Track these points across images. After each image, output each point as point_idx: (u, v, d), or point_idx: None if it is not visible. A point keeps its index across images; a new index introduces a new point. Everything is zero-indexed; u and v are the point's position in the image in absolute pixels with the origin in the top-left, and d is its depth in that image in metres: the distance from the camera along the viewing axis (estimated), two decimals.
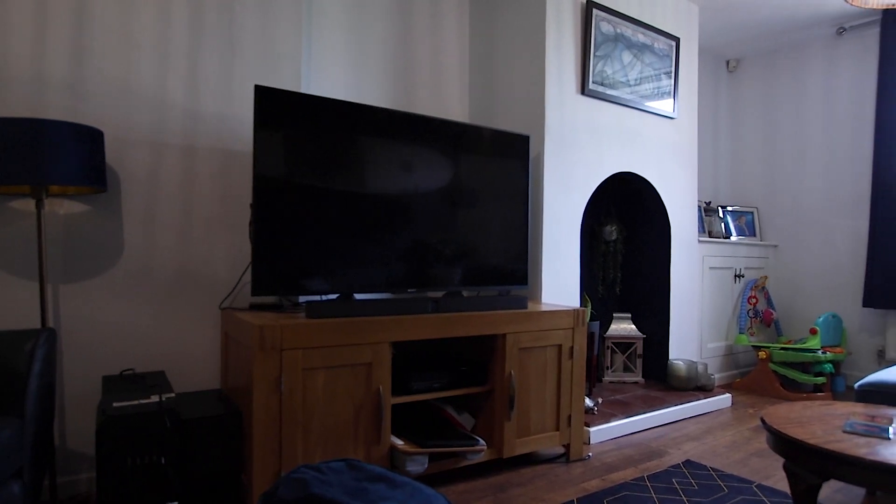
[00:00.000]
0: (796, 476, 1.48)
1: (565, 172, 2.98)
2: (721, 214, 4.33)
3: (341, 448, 1.93)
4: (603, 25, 3.13)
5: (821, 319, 3.72)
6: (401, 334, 2.04)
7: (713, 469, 2.40)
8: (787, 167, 4.34)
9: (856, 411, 1.74)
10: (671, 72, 3.51)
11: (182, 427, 1.79)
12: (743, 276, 4.11)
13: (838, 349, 3.67)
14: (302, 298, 2.51)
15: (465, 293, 2.67)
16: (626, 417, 2.88)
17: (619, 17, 3.18)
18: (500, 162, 2.55)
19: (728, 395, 3.40)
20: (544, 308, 2.50)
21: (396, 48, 3.03)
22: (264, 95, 2.00)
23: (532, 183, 2.93)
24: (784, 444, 1.54)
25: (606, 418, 2.83)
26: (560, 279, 2.97)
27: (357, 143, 2.16)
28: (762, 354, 3.73)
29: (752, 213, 4.48)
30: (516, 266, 2.62)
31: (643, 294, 3.67)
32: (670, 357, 3.51)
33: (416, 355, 2.56)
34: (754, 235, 4.43)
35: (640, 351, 3.55)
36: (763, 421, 1.67)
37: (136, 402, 1.69)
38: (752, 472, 2.39)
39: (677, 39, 3.49)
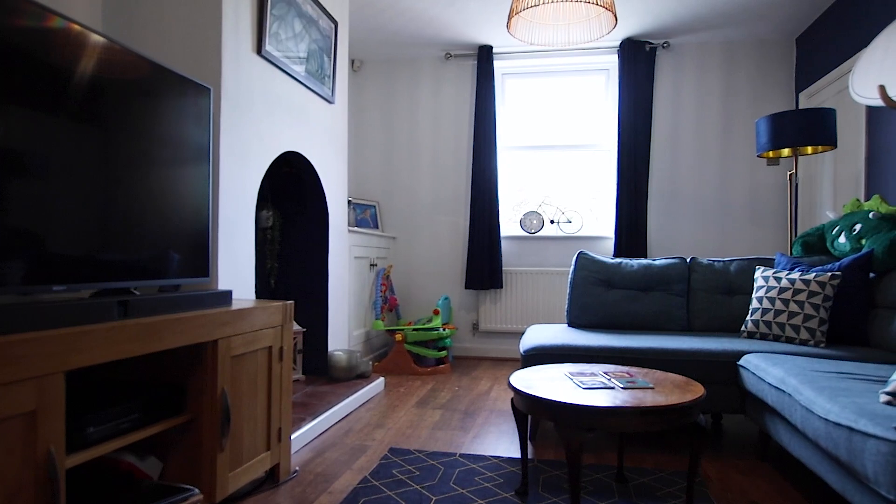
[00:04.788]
0: (569, 435, 1.62)
1: (242, 143, 2.51)
2: (352, 206, 4.50)
3: None
4: None
5: (440, 301, 4.29)
6: (83, 357, 1.28)
7: (417, 451, 2.43)
8: (404, 166, 4.85)
9: (565, 373, 2.05)
10: (332, 55, 3.41)
11: None
12: (376, 266, 4.37)
13: (451, 326, 4.32)
14: None
15: (134, 290, 1.91)
16: (314, 419, 2.64)
17: None
18: (176, 115, 1.91)
19: (382, 379, 3.55)
20: (251, 304, 2.02)
21: None
22: None
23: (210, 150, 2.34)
24: (554, 411, 1.66)
25: (297, 424, 2.52)
26: (237, 268, 2.48)
27: None
28: (398, 337, 4.05)
29: (374, 206, 4.81)
30: (197, 252, 2.03)
31: (301, 285, 3.45)
32: (329, 348, 3.42)
33: (80, 384, 1.68)
34: (377, 228, 4.77)
35: (300, 346, 3.32)
36: (524, 393, 1.76)
37: None
38: (445, 444, 2.53)
39: (336, 23, 3.42)
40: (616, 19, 2.69)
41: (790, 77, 4.29)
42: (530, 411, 1.77)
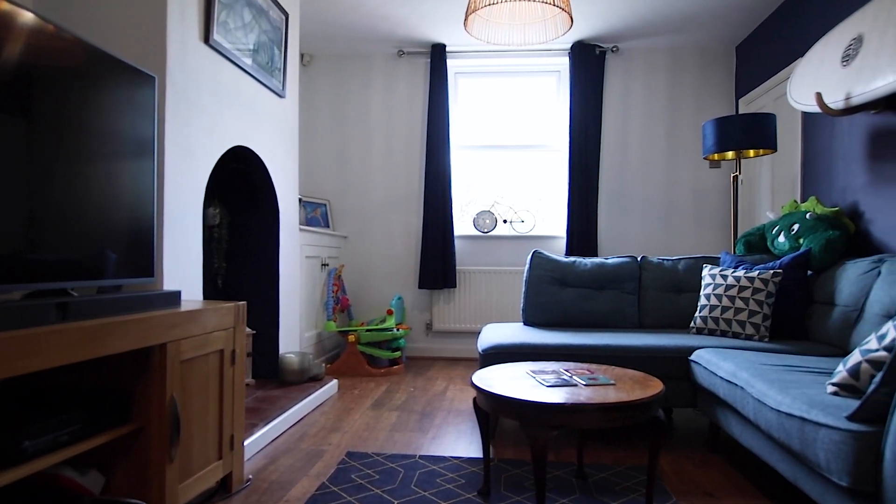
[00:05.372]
0: (535, 434, 1.61)
1: (189, 136, 2.38)
2: (303, 204, 4.38)
3: None
4: None
5: (394, 301, 4.24)
6: (18, 365, 1.17)
7: (375, 454, 2.37)
8: (356, 164, 4.76)
9: (526, 371, 2.04)
10: (282, 48, 3.30)
11: None
12: (328, 265, 4.27)
13: (405, 326, 4.27)
14: None
15: (72, 291, 1.77)
16: (267, 424, 2.54)
17: None
18: (117, 105, 1.78)
19: (335, 381, 3.46)
20: (201, 305, 1.92)
21: None
22: None
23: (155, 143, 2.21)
24: (519, 409, 1.65)
25: (249, 430, 2.42)
26: (184, 268, 2.36)
27: None
28: (351, 338, 3.96)
29: (325, 204, 4.70)
30: (140, 251, 1.90)
31: (250, 286, 3.32)
32: (280, 351, 3.31)
33: (14, 393, 1.53)
34: (328, 227, 4.66)
35: (250, 348, 3.20)
36: (487, 392, 1.74)
37: None
38: (403, 446, 2.49)
39: (287, 15, 3.31)
40: (572, 20, 2.73)
41: (730, 83, 4.48)
42: (494, 410, 1.75)
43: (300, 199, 4.24)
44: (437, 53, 4.49)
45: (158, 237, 2.21)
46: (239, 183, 3.30)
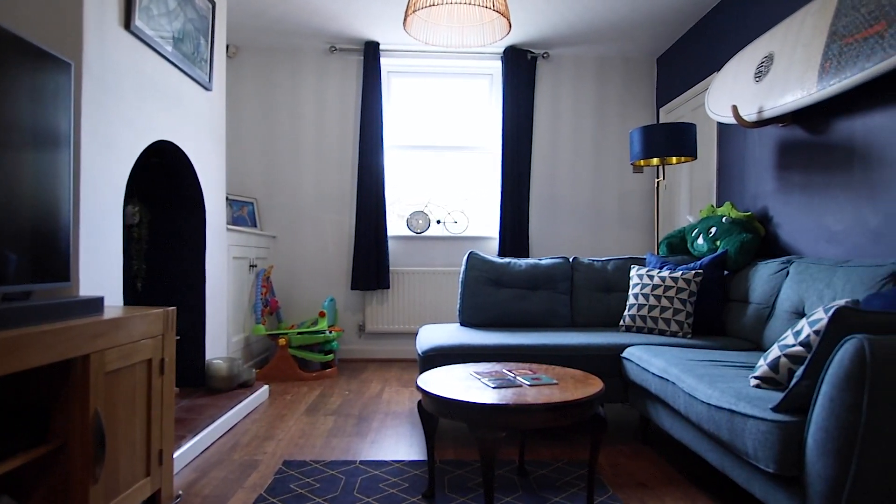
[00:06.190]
0: (484, 437, 1.62)
1: (108, 129, 2.21)
2: (229, 202, 4.19)
3: None
4: None
5: (326, 303, 4.14)
6: None
7: (313, 462, 2.31)
8: (285, 162, 4.60)
9: (470, 372, 2.05)
10: (209, 38, 3.13)
11: None
12: (256, 266, 4.10)
13: (338, 328, 4.18)
14: None
15: None
16: (195, 435, 2.40)
17: None
18: (27, 93, 1.62)
19: (266, 387, 3.33)
20: (127, 312, 1.79)
21: None
22: None
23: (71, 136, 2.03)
24: (467, 411, 1.65)
25: (177, 442, 2.28)
26: (102, 271, 2.19)
27: None
28: (282, 341, 3.83)
29: (252, 203, 4.52)
30: (53, 253, 1.74)
31: (173, 288, 3.13)
32: (207, 357, 3.14)
33: None
34: (256, 226, 4.48)
35: None
36: (434, 395, 1.73)
37: None
38: (342, 452, 2.43)
39: (214, 3, 3.15)
40: (510, 25, 2.77)
41: (652, 93, 4.72)
42: (441, 414, 1.75)
43: (226, 197, 4.05)
44: (371, 51, 4.42)
45: (74, 238, 2.04)
46: (160, 179, 3.10)
